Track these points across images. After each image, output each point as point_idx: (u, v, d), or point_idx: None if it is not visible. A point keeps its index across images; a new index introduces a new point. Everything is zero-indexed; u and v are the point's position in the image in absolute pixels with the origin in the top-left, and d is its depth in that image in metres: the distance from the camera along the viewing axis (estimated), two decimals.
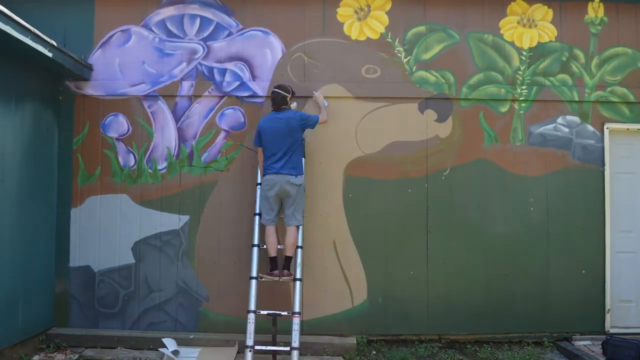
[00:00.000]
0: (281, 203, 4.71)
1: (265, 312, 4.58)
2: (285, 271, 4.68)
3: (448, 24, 5.34)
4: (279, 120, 4.69)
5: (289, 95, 4.77)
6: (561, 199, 5.27)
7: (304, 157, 4.92)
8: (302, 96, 5.18)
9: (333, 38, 5.29)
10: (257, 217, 4.80)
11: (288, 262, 4.70)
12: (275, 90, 4.77)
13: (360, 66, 5.26)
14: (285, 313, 4.56)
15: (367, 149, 5.22)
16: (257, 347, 4.40)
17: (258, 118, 5.17)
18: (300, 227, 4.79)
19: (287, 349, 4.41)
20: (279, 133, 4.64)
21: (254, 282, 4.58)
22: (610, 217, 5.28)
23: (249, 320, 4.42)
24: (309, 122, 4.79)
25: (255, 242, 4.74)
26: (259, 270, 4.64)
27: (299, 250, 4.74)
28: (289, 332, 4.48)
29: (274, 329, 4.59)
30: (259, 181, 4.88)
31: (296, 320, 4.43)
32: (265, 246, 4.74)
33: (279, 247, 4.74)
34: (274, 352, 4.61)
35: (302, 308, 4.82)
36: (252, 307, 4.49)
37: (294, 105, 4.91)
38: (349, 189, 5.19)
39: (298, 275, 4.62)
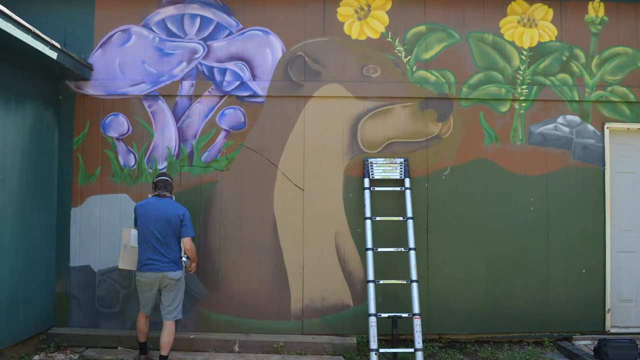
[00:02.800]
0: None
1: (385, 315, 4.72)
2: None
3: (448, 24, 5.34)
4: (160, 206, 4.37)
5: (173, 183, 4.57)
6: (561, 198, 5.27)
7: None
8: (303, 96, 5.20)
9: (333, 37, 5.29)
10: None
11: None
12: (162, 176, 4.52)
13: (360, 66, 5.27)
14: (406, 315, 4.69)
15: (368, 148, 5.22)
16: (381, 350, 4.56)
17: (258, 118, 5.17)
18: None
19: (411, 350, 4.55)
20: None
21: (371, 285, 4.70)
22: (610, 217, 5.28)
23: (370, 324, 4.56)
24: (187, 228, 4.37)
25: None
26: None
27: (413, 252, 4.80)
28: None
29: (394, 330, 4.72)
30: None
31: (417, 322, 4.57)
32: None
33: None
34: (395, 354, 4.71)
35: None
36: (373, 310, 4.62)
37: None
38: (348, 188, 5.18)
39: (414, 277, 4.72)
